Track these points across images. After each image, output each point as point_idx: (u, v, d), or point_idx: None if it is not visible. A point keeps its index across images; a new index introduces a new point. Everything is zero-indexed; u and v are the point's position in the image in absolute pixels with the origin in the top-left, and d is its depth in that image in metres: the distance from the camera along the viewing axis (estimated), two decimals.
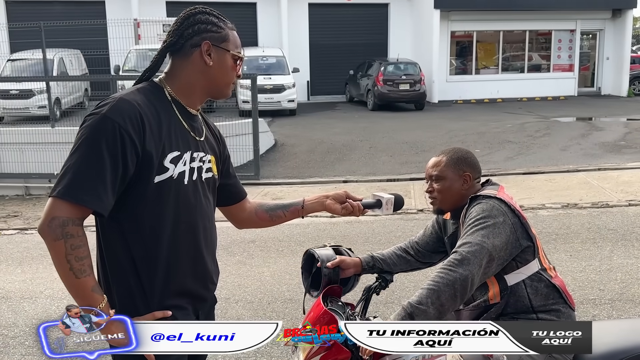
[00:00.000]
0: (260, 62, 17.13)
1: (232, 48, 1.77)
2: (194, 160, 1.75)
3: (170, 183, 1.67)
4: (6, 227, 7.83)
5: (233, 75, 1.80)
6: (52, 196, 1.56)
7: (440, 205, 2.25)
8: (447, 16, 19.68)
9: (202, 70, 1.73)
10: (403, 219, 7.05)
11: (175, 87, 1.75)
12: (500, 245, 1.99)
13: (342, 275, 2.32)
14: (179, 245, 1.72)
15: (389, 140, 12.51)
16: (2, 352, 4.00)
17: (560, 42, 21.22)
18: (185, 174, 1.71)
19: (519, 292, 2.06)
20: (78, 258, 1.56)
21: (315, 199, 2.08)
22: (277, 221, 2.13)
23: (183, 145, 1.72)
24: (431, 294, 1.91)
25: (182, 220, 1.71)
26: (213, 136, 1.92)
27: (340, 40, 20.91)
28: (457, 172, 2.21)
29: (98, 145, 1.55)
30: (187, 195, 1.72)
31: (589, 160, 10.05)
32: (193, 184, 1.74)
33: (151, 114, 1.65)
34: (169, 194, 1.67)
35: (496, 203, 2.07)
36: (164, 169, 1.66)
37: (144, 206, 1.65)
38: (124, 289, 1.69)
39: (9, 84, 13.49)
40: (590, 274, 5.00)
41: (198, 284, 1.81)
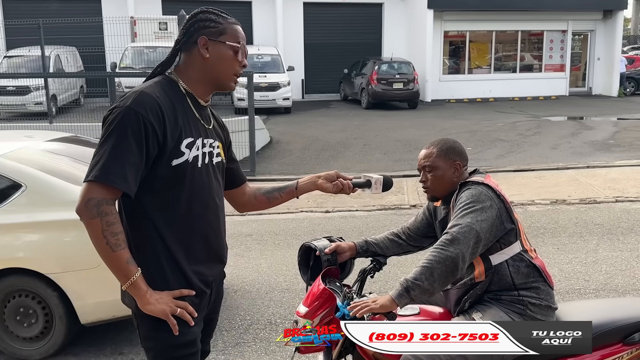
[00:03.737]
0: (255, 60, 17.23)
1: (230, 40, 1.92)
2: (205, 146, 1.94)
3: (186, 166, 1.86)
4: None
5: (234, 66, 1.94)
6: (87, 181, 1.75)
7: (434, 193, 2.42)
8: (441, 16, 19.87)
9: (202, 64, 1.91)
10: (396, 214, 7.22)
11: (185, 80, 1.94)
12: (487, 227, 2.16)
13: (339, 260, 2.48)
14: (195, 222, 1.92)
15: (383, 138, 12.67)
16: None
17: (552, 43, 21.45)
18: (199, 158, 1.90)
19: (502, 271, 2.23)
20: (113, 234, 1.74)
21: (308, 180, 2.25)
22: (274, 203, 2.29)
23: (195, 132, 1.91)
24: (425, 271, 2.08)
25: (197, 199, 1.91)
26: (219, 125, 2.11)
27: (335, 39, 21.06)
28: (448, 161, 2.38)
29: (125, 134, 1.74)
30: (200, 177, 1.91)
31: (578, 158, 10.25)
32: (205, 167, 1.93)
33: (168, 104, 1.85)
34: (185, 175, 1.86)
35: (484, 189, 2.24)
36: (181, 153, 1.85)
37: (164, 187, 1.85)
38: (154, 264, 1.87)
39: (6, 80, 13.55)
40: (577, 266, 5.18)
41: (212, 256, 2.01)
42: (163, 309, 1.80)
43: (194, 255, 1.93)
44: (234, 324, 4.22)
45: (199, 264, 1.95)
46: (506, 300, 2.23)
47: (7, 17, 18.08)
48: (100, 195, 1.73)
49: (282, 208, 7.12)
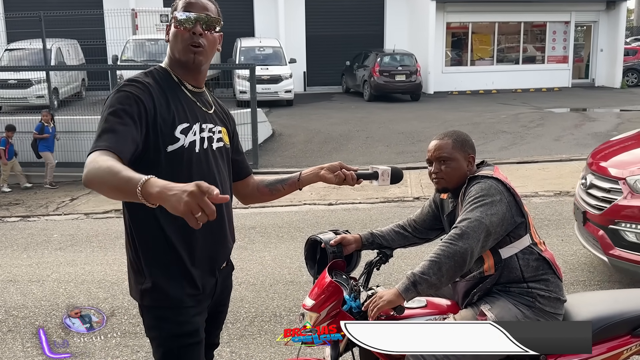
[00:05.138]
0: (257, 52, 17.20)
1: (177, 12, 1.86)
2: (204, 131, 1.91)
3: (182, 151, 1.84)
4: (8, 214, 7.94)
5: (184, 39, 1.84)
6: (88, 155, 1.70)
7: (446, 185, 2.36)
8: (443, 7, 19.76)
9: (169, 49, 1.91)
10: (400, 207, 7.20)
11: (172, 67, 1.93)
12: (497, 221, 2.14)
13: (345, 252, 2.47)
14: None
15: (385, 131, 12.64)
16: (13, 331, 4.14)
17: (554, 34, 21.33)
18: (196, 143, 1.87)
19: (512, 264, 2.21)
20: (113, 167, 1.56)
21: (310, 171, 2.20)
22: (276, 195, 2.26)
23: (192, 117, 1.88)
24: (433, 265, 2.07)
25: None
26: (223, 111, 2.09)
27: (337, 31, 20.97)
28: (463, 153, 2.34)
29: (116, 110, 1.74)
30: (199, 163, 1.88)
31: (581, 149, 10.21)
32: (204, 152, 1.90)
33: (158, 90, 1.84)
34: (182, 161, 1.84)
35: (494, 182, 2.22)
36: (175, 139, 1.83)
37: (161, 174, 1.73)
38: (154, 253, 1.86)
39: (7, 73, 13.54)
40: (581, 258, 5.17)
41: (215, 244, 1.97)
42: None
43: (196, 243, 1.90)
44: (238, 317, 4.22)
45: (202, 251, 1.92)
46: (515, 293, 2.21)
47: (8, 9, 18.04)
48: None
49: (285, 201, 7.12)
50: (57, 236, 6.60)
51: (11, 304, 4.63)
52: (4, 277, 5.26)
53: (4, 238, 6.64)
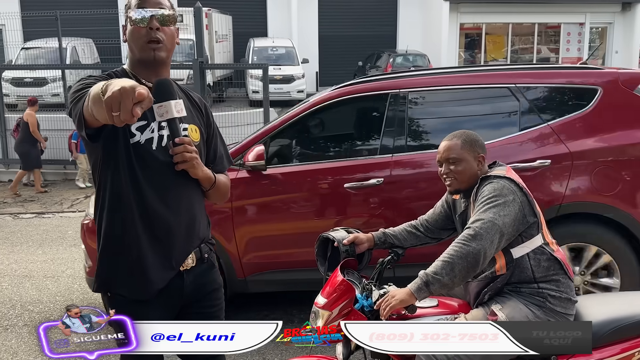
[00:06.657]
0: (270, 52, 17.24)
1: (130, 11, 1.87)
2: (163, 129, 1.87)
3: (138, 148, 1.84)
4: (24, 210, 8.05)
5: (141, 37, 1.85)
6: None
7: (458, 186, 2.37)
8: (457, 8, 19.70)
9: (128, 48, 1.92)
10: None
11: (131, 67, 1.93)
12: (510, 222, 2.14)
13: (357, 251, 2.49)
14: (150, 205, 1.87)
15: None
16: (29, 326, 4.21)
17: (569, 35, 21.19)
18: (154, 140, 1.87)
19: (523, 264, 2.22)
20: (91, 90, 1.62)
21: None
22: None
23: (150, 115, 1.83)
24: (446, 266, 2.08)
25: (155, 180, 1.87)
26: (195, 108, 2.05)
27: (350, 32, 20.97)
28: (472, 153, 2.35)
29: (82, 86, 1.78)
30: (156, 159, 1.86)
31: None
32: (163, 149, 1.87)
33: None
34: (139, 155, 1.84)
35: (506, 182, 2.22)
36: (132, 134, 1.84)
37: (117, 168, 1.84)
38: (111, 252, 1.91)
39: (23, 71, 13.68)
40: None
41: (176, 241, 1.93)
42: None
43: (155, 240, 1.89)
44: (250, 315, 4.24)
45: (160, 250, 1.90)
46: (526, 293, 2.22)
47: (24, 8, 18.23)
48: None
49: None
50: (71, 232, 6.68)
51: (27, 299, 4.71)
52: (19, 273, 5.34)
53: (20, 234, 6.73)
